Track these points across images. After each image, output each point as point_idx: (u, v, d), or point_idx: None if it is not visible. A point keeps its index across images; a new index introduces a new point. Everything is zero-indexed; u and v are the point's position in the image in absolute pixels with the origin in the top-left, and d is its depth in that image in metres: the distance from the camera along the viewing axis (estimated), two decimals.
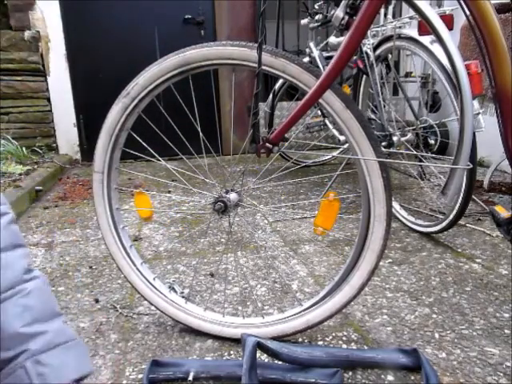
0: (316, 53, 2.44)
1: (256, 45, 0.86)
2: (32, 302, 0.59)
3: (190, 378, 0.89)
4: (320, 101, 0.86)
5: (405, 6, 3.26)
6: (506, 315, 1.11)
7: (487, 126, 1.38)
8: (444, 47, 0.94)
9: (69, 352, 0.60)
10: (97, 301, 1.26)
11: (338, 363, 0.92)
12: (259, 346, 0.89)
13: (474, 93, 1.21)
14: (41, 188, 2.46)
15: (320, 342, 1.03)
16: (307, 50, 2.55)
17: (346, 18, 0.94)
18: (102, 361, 0.99)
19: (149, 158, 1.17)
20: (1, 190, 2.20)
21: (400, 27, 1.72)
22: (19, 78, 3.20)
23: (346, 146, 2.13)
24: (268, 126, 2.93)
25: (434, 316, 1.12)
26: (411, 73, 3.15)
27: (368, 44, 1.86)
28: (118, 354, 1.02)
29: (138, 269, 1.08)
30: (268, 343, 0.90)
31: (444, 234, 1.67)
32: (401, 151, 1.80)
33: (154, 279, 1.09)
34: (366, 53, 1.84)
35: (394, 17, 2.23)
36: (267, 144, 0.90)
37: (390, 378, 0.90)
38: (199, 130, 1.04)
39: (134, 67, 1.21)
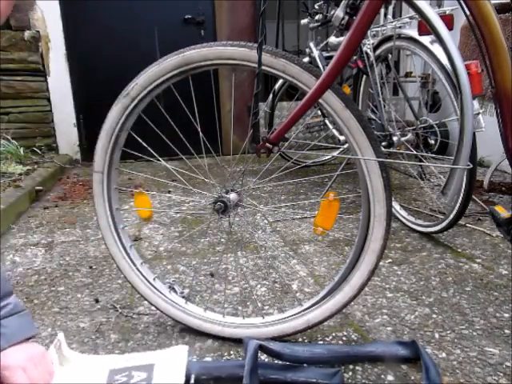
0: (316, 53, 2.44)
1: (256, 45, 0.86)
2: None
3: (192, 381, 0.88)
4: (320, 101, 0.86)
5: (405, 5, 3.26)
6: (506, 315, 1.11)
7: (487, 125, 1.38)
8: (444, 47, 0.94)
9: (23, 319, 0.82)
10: (97, 301, 1.26)
11: (339, 359, 0.93)
12: (261, 348, 0.89)
13: (473, 93, 1.20)
14: (41, 188, 2.46)
15: (320, 342, 1.03)
16: (307, 50, 2.55)
17: (346, 18, 0.95)
18: None
19: (149, 158, 1.17)
20: (1, 189, 2.20)
21: (400, 27, 1.72)
22: (19, 78, 3.20)
23: (346, 146, 2.13)
24: (268, 125, 2.93)
25: (434, 316, 1.12)
26: (411, 73, 3.15)
27: (368, 44, 1.86)
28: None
29: (138, 269, 1.08)
30: (270, 345, 0.90)
31: (444, 234, 1.67)
32: (401, 151, 1.79)
33: (154, 279, 1.09)
34: (366, 53, 1.84)
35: (394, 17, 2.23)
36: (267, 144, 0.90)
37: (390, 378, 0.90)
38: (199, 130, 1.04)
39: (134, 67, 1.21)
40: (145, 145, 1.07)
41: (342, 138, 2.25)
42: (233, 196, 1.00)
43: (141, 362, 0.83)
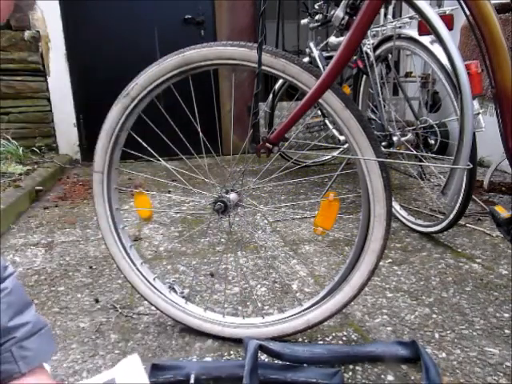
0: (316, 53, 2.44)
1: (256, 45, 0.86)
2: (13, 298, 0.70)
3: (192, 380, 0.88)
4: (320, 101, 0.86)
5: (405, 5, 3.26)
6: (506, 315, 1.11)
7: (487, 125, 1.38)
8: (444, 47, 0.94)
9: (43, 338, 0.74)
10: (97, 301, 1.26)
11: (339, 359, 0.93)
12: (261, 348, 0.89)
13: (473, 93, 1.20)
14: (41, 188, 2.46)
15: (320, 342, 1.03)
16: (307, 50, 2.55)
17: (346, 18, 0.95)
18: (102, 361, 0.99)
19: (149, 158, 1.17)
20: (1, 189, 2.20)
21: (400, 27, 1.72)
22: (19, 78, 3.20)
23: (346, 146, 2.13)
24: (268, 126, 2.93)
25: (434, 316, 1.12)
26: (411, 73, 3.15)
27: (368, 44, 1.86)
28: (117, 354, 1.02)
29: (138, 269, 1.08)
30: (270, 345, 0.90)
31: (444, 234, 1.67)
32: (401, 151, 1.79)
33: (154, 279, 1.09)
34: (366, 53, 1.84)
35: (394, 17, 2.23)
36: (267, 144, 0.90)
37: (390, 377, 0.90)
38: (199, 130, 1.04)
39: (134, 67, 1.21)
40: (145, 145, 1.07)
41: (342, 137, 2.25)
42: (233, 196, 1.00)
43: (102, 380, 0.83)
